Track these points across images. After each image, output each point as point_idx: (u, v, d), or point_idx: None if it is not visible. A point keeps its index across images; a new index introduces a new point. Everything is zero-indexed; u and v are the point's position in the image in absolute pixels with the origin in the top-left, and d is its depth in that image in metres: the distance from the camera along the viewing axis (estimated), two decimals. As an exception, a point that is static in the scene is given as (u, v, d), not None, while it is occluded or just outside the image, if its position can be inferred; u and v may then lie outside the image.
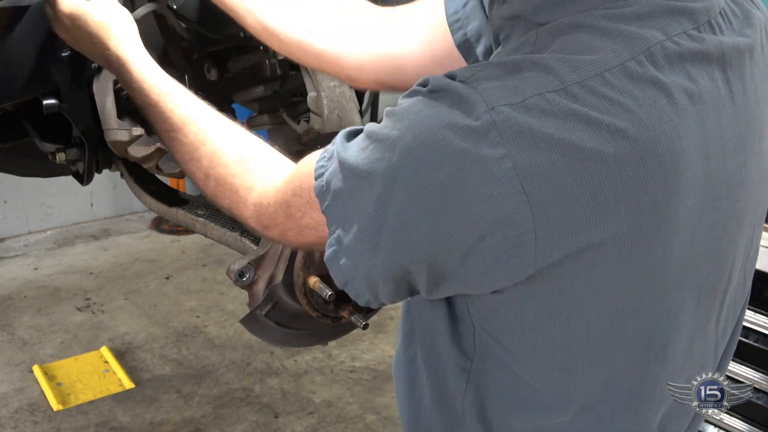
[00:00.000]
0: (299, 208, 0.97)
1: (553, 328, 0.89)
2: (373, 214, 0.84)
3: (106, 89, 1.44)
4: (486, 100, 0.80)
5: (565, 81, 0.80)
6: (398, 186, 0.82)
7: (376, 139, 0.85)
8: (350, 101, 1.64)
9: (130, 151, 1.48)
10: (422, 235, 0.83)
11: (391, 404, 3.15)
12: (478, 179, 0.79)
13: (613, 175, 0.80)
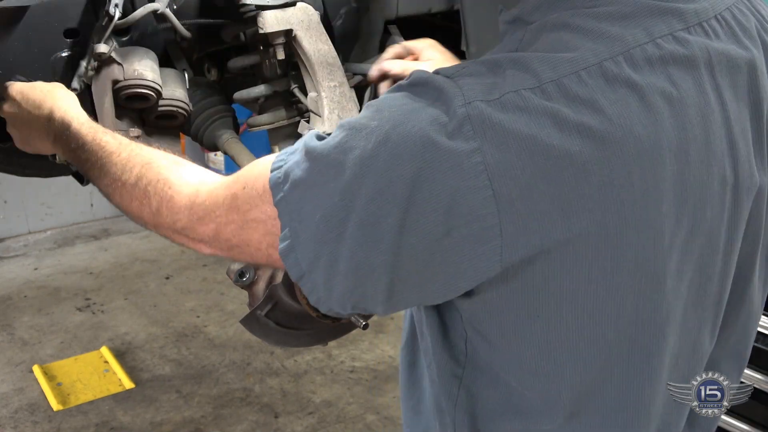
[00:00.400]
0: (247, 201, 0.94)
1: (534, 333, 0.88)
2: (339, 203, 0.83)
3: (104, 89, 1.44)
4: (464, 94, 0.81)
5: (541, 79, 0.81)
6: (369, 175, 0.81)
7: (352, 128, 0.85)
8: (350, 101, 1.64)
9: (129, 151, 1.47)
10: (389, 226, 0.82)
11: (391, 404, 3.15)
12: (448, 172, 0.79)
13: (577, 173, 0.80)
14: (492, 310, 0.89)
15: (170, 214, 1.06)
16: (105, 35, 1.42)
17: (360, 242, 0.83)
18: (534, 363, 0.91)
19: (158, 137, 1.54)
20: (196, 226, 1.02)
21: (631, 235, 0.83)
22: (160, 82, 1.48)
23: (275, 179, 0.90)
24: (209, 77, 1.93)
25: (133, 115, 1.51)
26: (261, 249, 0.95)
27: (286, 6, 1.58)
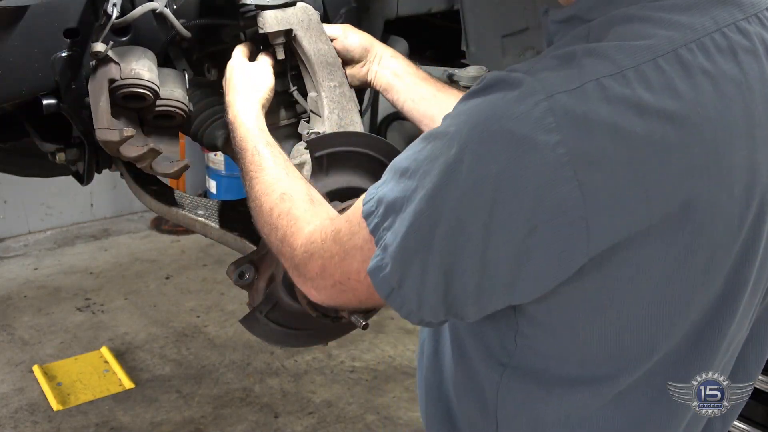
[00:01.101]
0: (348, 232, 0.98)
1: (605, 322, 0.90)
2: (428, 211, 0.85)
3: (101, 88, 1.43)
4: (544, 87, 0.81)
5: (620, 66, 0.83)
6: (455, 180, 0.83)
7: (433, 137, 0.87)
8: (350, 101, 1.64)
9: (122, 150, 1.47)
10: (476, 228, 0.83)
11: (391, 404, 3.14)
12: (533, 167, 0.80)
13: (660, 159, 0.81)
14: (562, 304, 0.89)
15: (290, 250, 1.11)
16: (103, 34, 1.42)
17: (449, 247, 0.85)
18: (597, 349, 0.93)
19: (157, 137, 1.54)
20: (307, 263, 1.06)
21: (706, 221, 0.85)
22: (157, 81, 1.48)
23: (368, 209, 0.94)
24: (209, 77, 1.93)
25: (131, 114, 1.51)
26: (360, 279, 0.96)
27: (286, 6, 1.58)
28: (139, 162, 1.50)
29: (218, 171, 4.68)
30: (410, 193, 0.87)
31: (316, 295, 1.09)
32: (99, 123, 1.44)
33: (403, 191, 0.89)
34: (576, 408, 0.98)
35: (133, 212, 4.85)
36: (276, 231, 1.15)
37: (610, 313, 0.89)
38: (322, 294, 1.08)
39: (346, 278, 1.00)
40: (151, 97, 1.47)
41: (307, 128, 1.64)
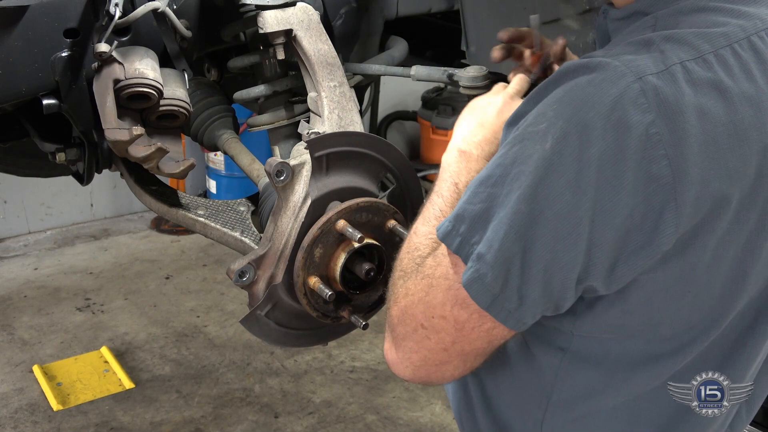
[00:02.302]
0: (431, 264, 0.97)
1: (678, 307, 0.94)
2: (527, 209, 0.86)
3: (106, 88, 1.43)
4: (632, 70, 0.85)
5: (700, 51, 0.89)
6: (556, 171, 0.85)
7: (518, 141, 0.88)
8: (350, 101, 1.64)
9: (131, 150, 1.47)
10: (582, 214, 0.85)
11: (391, 404, 3.15)
12: (631, 147, 0.84)
13: (740, 139, 0.87)
14: (645, 288, 0.91)
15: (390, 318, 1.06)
16: (105, 34, 1.42)
17: (552, 241, 0.86)
18: (667, 328, 0.96)
19: (160, 137, 1.54)
20: (392, 306, 1.02)
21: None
22: (161, 81, 1.48)
23: (445, 229, 0.93)
24: (209, 77, 1.93)
25: (134, 115, 1.51)
26: (446, 315, 0.94)
27: (286, 6, 1.58)
28: (147, 162, 1.50)
29: (218, 171, 4.68)
30: (501, 198, 0.88)
31: (401, 364, 1.01)
32: (107, 123, 1.43)
33: (488, 200, 0.89)
34: (632, 391, 1.01)
35: (133, 212, 4.85)
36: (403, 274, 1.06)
37: (687, 296, 0.93)
38: (400, 352, 1.00)
39: (429, 317, 0.96)
40: (155, 97, 1.47)
41: (307, 128, 1.64)
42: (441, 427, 3.04)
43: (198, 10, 1.64)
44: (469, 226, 0.91)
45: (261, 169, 1.74)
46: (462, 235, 0.91)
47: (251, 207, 1.72)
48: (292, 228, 1.49)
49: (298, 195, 1.49)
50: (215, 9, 1.67)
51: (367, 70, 1.86)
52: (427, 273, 0.97)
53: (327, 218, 1.48)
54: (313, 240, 1.47)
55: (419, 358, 1.00)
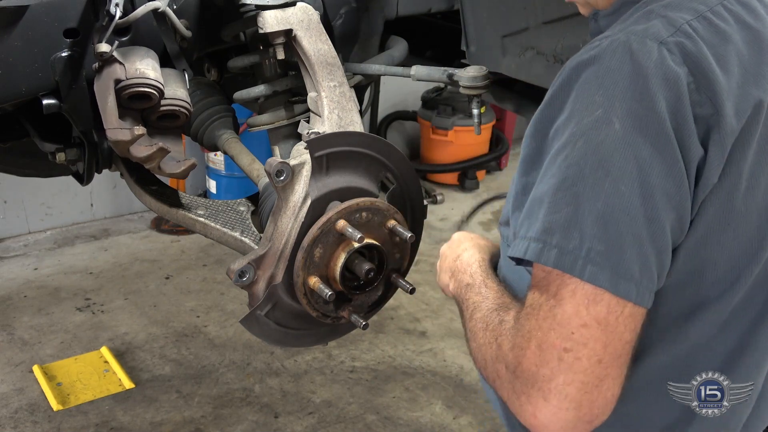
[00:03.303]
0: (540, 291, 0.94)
1: (722, 244, 1.00)
2: (627, 189, 0.90)
3: (107, 89, 1.44)
4: (651, 37, 0.96)
5: (698, 11, 1.01)
6: (637, 145, 0.91)
7: (580, 133, 0.93)
8: (350, 101, 1.64)
9: (132, 150, 1.47)
10: (676, 173, 0.92)
11: (390, 404, 3.14)
12: (684, 95, 0.94)
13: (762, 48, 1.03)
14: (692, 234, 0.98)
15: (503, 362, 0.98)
16: (106, 35, 1.42)
17: (659, 207, 0.91)
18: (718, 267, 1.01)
19: (161, 137, 1.54)
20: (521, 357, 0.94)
21: None
22: (162, 81, 1.48)
23: (536, 249, 0.94)
24: (209, 77, 1.93)
25: (135, 115, 1.51)
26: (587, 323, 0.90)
27: (286, 6, 1.58)
28: (148, 162, 1.50)
29: (218, 171, 4.68)
30: (588, 192, 0.91)
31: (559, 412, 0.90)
32: (108, 123, 1.43)
33: (574, 200, 0.92)
34: (688, 343, 1.02)
35: (133, 212, 4.85)
36: (491, 347, 1.02)
37: (728, 230, 0.99)
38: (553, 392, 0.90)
39: (567, 336, 0.90)
40: (156, 97, 1.47)
41: (307, 128, 1.64)
42: (441, 427, 3.04)
43: (198, 10, 1.64)
44: (563, 234, 0.92)
45: (261, 169, 1.74)
46: (558, 246, 0.92)
47: (251, 207, 1.72)
48: (292, 228, 1.49)
49: (298, 195, 1.49)
50: (215, 9, 1.67)
51: (367, 70, 1.87)
52: (537, 302, 0.93)
53: (327, 218, 1.48)
54: (313, 240, 1.47)
55: (576, 388, 0.90)
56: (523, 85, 1.93)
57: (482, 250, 1.32)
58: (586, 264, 0.90)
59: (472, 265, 1.27)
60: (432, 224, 4.81)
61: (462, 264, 1.29)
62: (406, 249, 1.61)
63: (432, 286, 4.04)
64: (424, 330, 3.69)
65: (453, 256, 1.34)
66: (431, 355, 3.49)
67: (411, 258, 1.65)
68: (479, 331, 1.07)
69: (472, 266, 1.26)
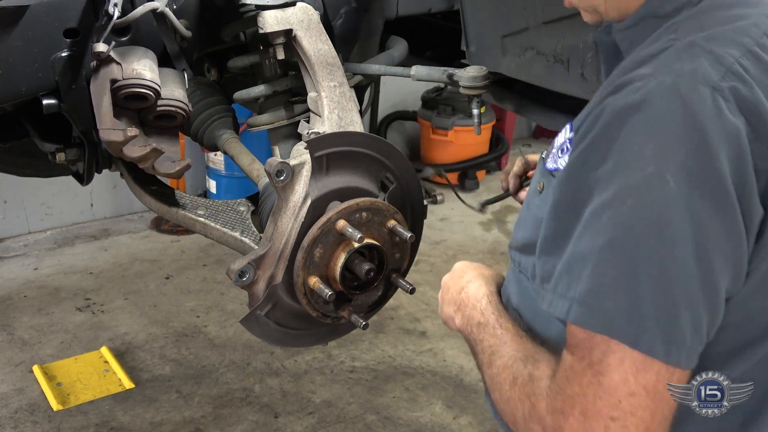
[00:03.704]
0: (583, 352, 0.91)
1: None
2: (683, 253, 0.85)
3: (102, 89, 1.43)
4: (702, 81, 0.88)
5: (745, 45, 0.93)
6: (694, 204, 0.85)
7: (629, 191, 0.87)
8: (350, 101, 1.64)
9: (125, 151, 1.47)
10: (736, 230, 0.87)
11: (391, 404, 3.14)
12: (744, 147, 0.88)
13: None
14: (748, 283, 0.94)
15: (538, 421, 0.96)
16: (104, 34, 1.42)
17: (717, 266, 0.87)
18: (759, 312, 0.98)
19: (157, 137, 1.54)
20: (563, 424, 0.92)
21: None
22: (158, 81, 1.48)
23: (581, 315, 0.90)
24: (209, 77, 1.93)
25: (132, 114, 1.51)
26: (636, 391, 0.87)
27: (286, 6, 1.58)
28: (142, 162, 1.50)
29: (218, 171, 4.67)
30: (642, 256, 0.86)
31: None
32: (102, 123, 1.44)
33: (624, 263, 0.87)
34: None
35: (133, 212, 4.85)
36: (522, 404, 0.99)
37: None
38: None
39: (615, 405, 0.88)
40: (152, 97, 1.47)
41: (307, 128, 1.64)
42: (441, 427, 3.04)
43: (198, 10, 1.64)
44: (612, 298, 0.87)
45: (261, 169, 1.74)
46: (606, 312, 0.88)
47: (251, 207, 1.72)
48: (292, 228, 1.49)
49: (298, 195, 1.49)
50: (215, 9, 1.67)
51: (367, 70, 1.87)
52: (579, 366, 0.91)
53: (327, 218, 1.48)
54: (313, 240, 1.47)
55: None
56: (523, 85, 1.92)
57: (488, 282, 1.26)
58: (638, 332, 0.86)
59: (481, 301, 1.21)
60: (432, 224, 4.81)
61: (469, 298, 1.24)
62: (406, 249, 1.61)
63: (432, 286, 4.04)
64: (424, 330, 3.69)
65: (457, 288, 1.28)
66: (431, 355, 3.49)
67: (411, 258, 1.65)
68: (505, 384, 1.04)
69: (481, 302, 1.21)
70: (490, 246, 4.64)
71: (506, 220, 5.00)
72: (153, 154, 1.48)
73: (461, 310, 1.25)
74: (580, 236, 0.92)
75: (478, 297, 1.23)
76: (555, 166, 1.11)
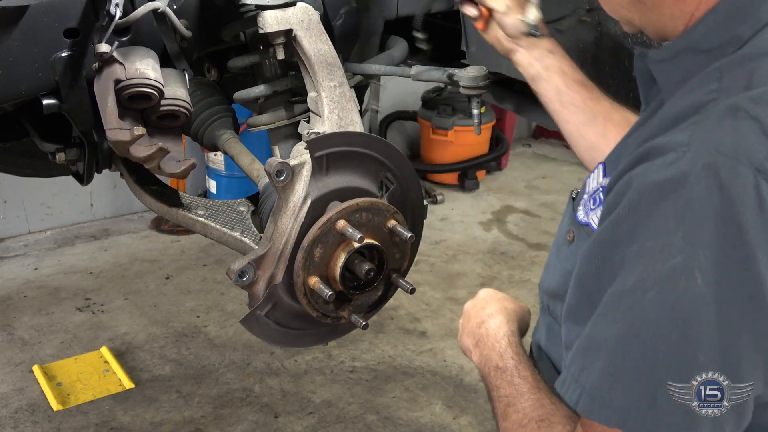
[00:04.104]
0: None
1: None
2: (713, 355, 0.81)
3: (107, 89, 1.43)
4: (745, 160, 0.79)
5: None
6: (722, 308, 0.79)
7: (653, 282, 0.81)
8: (350, 101, 1.64)
9: (132, 150, 1.47)
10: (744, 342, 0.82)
11: (390, 404, 3.15)
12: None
13: None
14: None
15: None
16: (106, 35, 1.41)
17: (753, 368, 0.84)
18: None
19: (160, 137, 1.54)
20: None
21: None
22: (162, 81, 1.48)
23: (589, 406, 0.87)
24: (209, 77, 1.93)
25: (135, 115, 1.51)
26: None
27: (286, 6, 1.58)
28: (148, 162, 1.50)
29: (218, 171, 4.68)
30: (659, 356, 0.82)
31: None
32: (108, 123, 1.43)
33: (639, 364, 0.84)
34: None
35: (133, 212, 4.85)
36: None
37: None
38: None
39: None
40: (156, 97, 1.47)
41: (307, 128, 1.64)
42: (441, 427, 3.04)
43: (198, 10, 1.64)
44: (624, 399, 0.85)
45: (261, 169, 1.74)
46: (616, 410, 0.85)
47: (251, 207, 1.72)
48: (292, 228, 1.49)
49: (298, 195, 1.49)
50: (215, 9, 1.67)
51: (367, 70, 1.86)
52: None
53: (327, 218, 1.48)
54: (313, 240, 1.47)
55: None
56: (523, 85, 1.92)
57: (510, 319, 1.23)
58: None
59: (501, 341, 1.18)
60: (432, 224, 4.81)
61: (489, 336, 1.21)
62: (406, 249, 1.61)
63: (432, 286, 4.04)
64: (424, 330, 3.69)
65: (477, 320, 1.25)
66: (431, 355, 3.49)
67: (411, 258, 1.65)
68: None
69: (501, 342, 1.18)
70: (490, 246, 4.64)
71: (506, 220, 5.01)
72: (159, 153, 1.48)
73: (479, 346, 1.22)
74: (598, 319, 0.89)
75: (498, 337, 1.19)
76: (586, 221, 1.06)
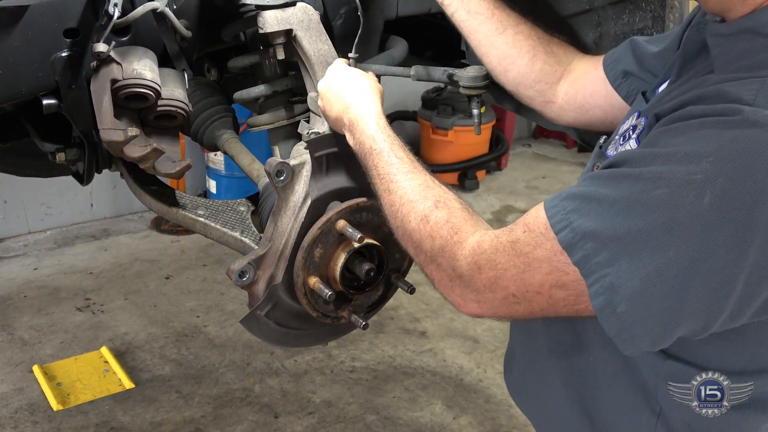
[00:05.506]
0: (529, 242, 0.96)
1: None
2: (678, 265, 0.85)
3: (103, 88, 1.43)
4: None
5: None
6: (714, 231, 0.83)
7: (668, 182, 0.85)
8: (350, 101, 1.64)
9: (126, 151, 1.47)
10: (737, 273, 0.85)
11: (390, 404, 3.15)
12: None
13: None
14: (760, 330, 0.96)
15: (450, 260, 1.06)
16: (104, 34, 1.41)
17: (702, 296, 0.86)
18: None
19: (158, 137, 1.54)
20: (474, 274, 1.02)
21: None
22: (159, 81, 1.48)
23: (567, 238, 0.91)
24: (209, 77, 1.93)
25: (132, 114, 1.50)
26: (543, 291, 0.95)
27: (286, 6, 1.58)
28: (142, 162, 1.50)
29: (218, 171, 4.68)
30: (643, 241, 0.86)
31: (476, 308, 1.04)
32: (103, 123, 1.43)
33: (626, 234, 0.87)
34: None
35: (133, 212, 4.85)
36: (432, 240, 1.09)
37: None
38: (485, 307, 1.03)
39: (523, 291, 0.97)
40: (153, 97, 1.47)
41: (307, 128, 1.64)
42: (441, 427, 3.04)
43: (198, 10, 1.64)
44: (597, 246, 0.89)
45: (261, 169, 1.74)
46: (586, 251, 0.90)
47: (251, 207, 1.72)
48: (292, 228, 1.49)
49: (298, 195, 1.49)
50: (215, 9, 1.67)
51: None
52: (522, 251, 0.96)
53: (327, 218, 1.48)
54: (313, 240, 1.47)
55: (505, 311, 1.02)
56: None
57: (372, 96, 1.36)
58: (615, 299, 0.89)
59: (370, 125, 1.29)
60: (432, 224, 4.80)
61: (358, 120, 1.31)
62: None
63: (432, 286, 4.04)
64: (424, 330, 3.69)
65: (341, 105, 1.37)
66: (431, 355, 3.49)
67: (411, 258, 1.65)
68: (410, 216, 1.13)
69: (370, 126, 1.29)
70: (490, 246, 4.64)
71: (506, 220, 5.01)
72: (153, 154, 1.47)
73: (351, 131, 1.32)
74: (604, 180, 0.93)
75: (367, 120, 1.30)
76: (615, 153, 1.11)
